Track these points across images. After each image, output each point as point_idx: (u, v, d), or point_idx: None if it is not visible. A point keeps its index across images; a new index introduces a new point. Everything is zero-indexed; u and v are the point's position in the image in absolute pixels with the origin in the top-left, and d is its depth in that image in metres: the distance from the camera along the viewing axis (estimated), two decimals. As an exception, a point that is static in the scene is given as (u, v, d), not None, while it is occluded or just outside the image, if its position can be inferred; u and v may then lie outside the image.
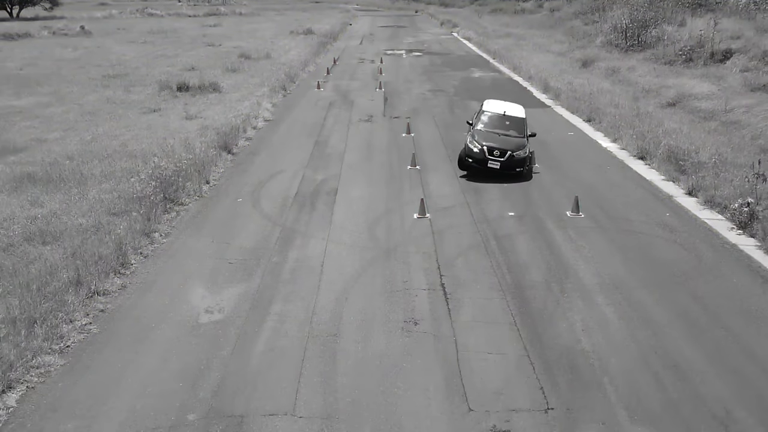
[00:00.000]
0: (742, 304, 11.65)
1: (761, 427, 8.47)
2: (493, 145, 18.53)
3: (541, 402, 9.00)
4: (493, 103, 20.98)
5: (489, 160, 18.41)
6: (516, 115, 19.99)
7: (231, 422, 8.59)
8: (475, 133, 19.13)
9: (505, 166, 18.36)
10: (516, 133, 19.31)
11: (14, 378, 9.26)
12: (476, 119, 20.13)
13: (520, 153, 18.55)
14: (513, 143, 18.76)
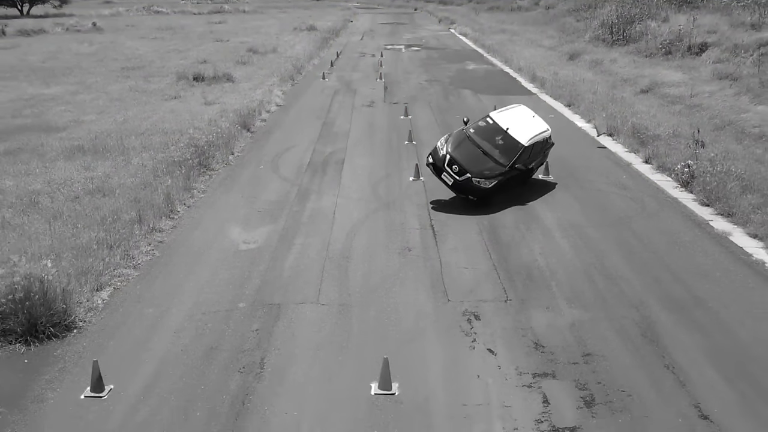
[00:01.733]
0: (670, 238, 14.79)
1: (664, 311, 11.58)
2: (456, 158, 15.85)
3: (502, 296, 12.14)
4: (508, 114, 17.36)
5: (444, 172, 15.94)
6: (517, 137, 16.33)
7: (271, 308, 11.72)
8: (459, 134, 16.74)
9: (456, 186, 15.91)
10: (499, 156, 16.12)
11: (104, 282, 12.38)
12: (477, 120, 17.76)
13: (481, 182, 15.69)
14: (483, 167, 15.81)
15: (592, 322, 11.25)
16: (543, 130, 17.13)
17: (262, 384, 9.56)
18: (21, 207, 15.79)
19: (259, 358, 10.18)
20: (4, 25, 59.54)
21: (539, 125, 17.22)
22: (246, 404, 9.10)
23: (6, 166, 19.37)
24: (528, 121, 17.10)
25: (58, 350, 10.37)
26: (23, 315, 10.44)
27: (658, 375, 9.79)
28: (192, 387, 9.46)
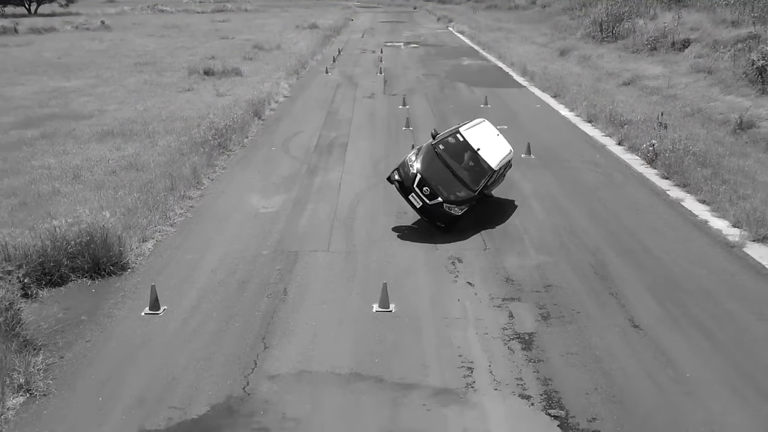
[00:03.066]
0: (631, 204, 17.31)
1: (616, 256, 14.09)
2: (427, 179, 14.53)
3: (482, 246, 14.66)
4: (479, 129, 16.38)
5: (412, 192, 14.59)
6: (488, 160, 15.40)
7: (290, 255, 14.23)
8: (427, 150, 15.29)
9: (425, 210, 14.66)
10: (470, 181, 15.08)
11: (147, 235, 14.89)
12: (446, 133, 16.09)
13: (452, 209, 14.58)
14: (455, 192, 14.73)
15: (554, 263, 13.78)
16: (508, 152, 16.34)
17: (286, 305, 12.08)
18: (67, 179, 18.31)
19: (282, 288, 12.71)
20: (16, 24, 62.10)
21: (504, 146, 16.44)
22: (274, 318, 11.62)
23: (45, 147, 21.89)
24: (495, 141, 16.21)
25: (118, 283, 12.90)
26: (88, 255, 12.96)
27: (604, 299, 12.31)
28: (229, 308, 11.97)
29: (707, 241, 15.01)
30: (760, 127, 22.93)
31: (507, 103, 30.33)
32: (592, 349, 10.69)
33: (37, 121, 26.08)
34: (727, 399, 9.43)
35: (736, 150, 20.94)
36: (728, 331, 11.24)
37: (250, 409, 9.21)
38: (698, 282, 12.98)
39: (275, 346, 10.75)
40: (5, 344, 9.88)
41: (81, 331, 11.18)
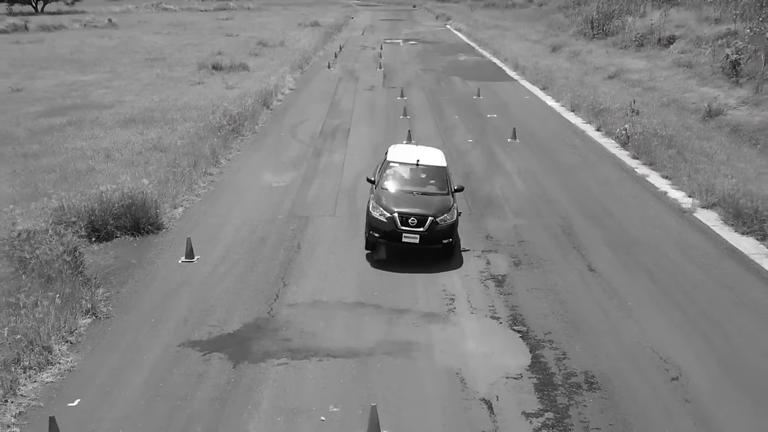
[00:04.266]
0: (602, 179, 19.71)
1: (582, 219, 16.49)
2: (407, 211, 13.98)
3: (468, 211, 17.06)
4: (400, 149, 16.48)
5: (402, 234, 13.88)
6: (434, 163, 15.48)
7: (301, 219, 16.63)
8: (380, 195, 14.60)
9: (426, 238, 13.89)
10: (437, 188, 14.88)
11: (177, 203, 17.28)
12: (380, 174, 15.55)
13: (446, 217, 14.07)
14: (435, 205, 14.27)
15: (529, 225, 16.20)
16: (438, 150, 16.75)
17: (300, 255, 14.49)
18: (99, 159, 20.71)
19: (296, 244, 15.12)
20: (26, 21, 64.50)
21: (430, 149, 16.98)
22: (290, 265, 14.03)
23: (74, 132, 24.30)
24: (421, 150, 16.50)
25: (155, 240, 15.30)
26: (130, 216, 15.36)
27: (567, 251, 14.72)
28: (252, 257, 14.38)
29: (664, 208, 17.42)
30: (726, 115, 25.33)
31: (498, 94, 32.75)
32: (553, 286, 13.10)
33: (62, 110, 28.47)
34: (658, 320, 11.83)
35: (702, 134, 23.34)
36: (669, 273, 13.64)
37: (275, 326, 11.62)
38: (650, 238, 15.38)
39: (292, 284, 13.16)
40: (74, 278, 12.29)
41: (130, 273, 13.60)
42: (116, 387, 9.94)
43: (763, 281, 13.34)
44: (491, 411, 9.42)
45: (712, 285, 13.16)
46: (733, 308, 12.26)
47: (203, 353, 10.82)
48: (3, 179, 19.02)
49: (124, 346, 11.00)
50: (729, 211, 16.21)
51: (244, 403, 9.58)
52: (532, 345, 11.09)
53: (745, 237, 15.39)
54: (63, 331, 11.06)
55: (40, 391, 9.80)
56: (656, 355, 10.76)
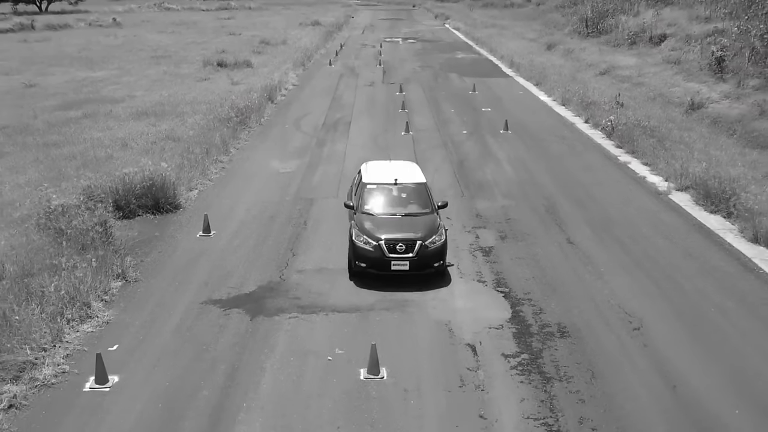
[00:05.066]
0: (586, 166, 21.25)
1: (565, 201, 18.03)
2: (394, 237, 13.18)
3: (460, 193, 18.61)
4: (374, 168, 15.39)
5: (391, 262, 13.09)
6: (413, 180, 14.76)
7: (306, 200, 18.17)
8: (362, 221, 13.71)
9: (417, 264, 13.14)
10: (421, 207, 14.10)
11: (192, 186, 18.83)
12: (357, 197, 14.57)
13: (435, 239, 13.33)
14: (422, 226, 13.51)
15: (516, 205, 17.75)
16: (413, 164, 16.43)
17: (306, 231, 16.04)
18: (116, 147, 22.25)
19: (303, 221, 16.67)
20: (33, 21, 66.08)
21: (406, 163, 16.71)
22: (298, 238, 15.58)
23: (90, 124, 25.85)
24: (396, 165, 15.88)
25: (174, 217, 16.86)
26: (151, 196, 16.91)
27: (549, 226, 16.27)
28: (263, 232, 15.92)
29: (642, 191, 18.98)
30: (708, 108, 26.88)
31: (493, 90, 34.31)
32: (534, 255, 14.65)
33: (75, 104, 30.04)
34: (626, 282, 13.37)
35: (683, 125, 24.88)
36: (640, 245, 15.19)
37: (286, 287, 13.17)
38: (626, 217, 16.93)
39: (300, 254, 14.71)
40: (105, 247, 13.84)
41: (154, 245, 15.15)
42: (149, 335, 11.49)
43: (724, 251, 14.89)
44: (475, 353, 10.96)
45: (677, 254, 14.70)
46: (694, 273, 13.80)
47: (223, 309, 12.37)
48: (28, 166, 20.58)
49: (152, 304, 12.55)
50: (700, 193, 17.76)
51: (261, 347, 11.13)
52: (513, 302, 12.64)
53: (712, 215, 16.93)
54: (98, 291, 12.61)
55: (83, 338, 11.34)
56: (622, 310, 12.31)
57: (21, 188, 18.35)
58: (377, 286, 13.20)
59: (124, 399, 9.82)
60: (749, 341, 11.31)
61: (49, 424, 9.28)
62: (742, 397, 9.82)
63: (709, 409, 9.56)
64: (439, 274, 13.57)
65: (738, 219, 16.15)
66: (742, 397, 9.80)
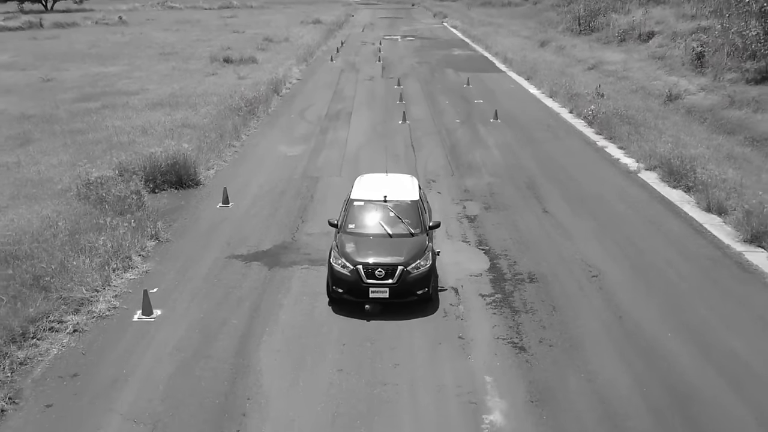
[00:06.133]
0: (567, 150, 23.50)
1: (545, 179, 20.26)
2: (373, 261, 12.45)
3: (450, 172, 20.86)
4: (367, 182, 14.73)
5: (369, 288, 12.32)
6: (405, 197, 13.77)
7: (312, 179, 20.42)
8: (343, 242, 13.00)
9: (397, 291, 12.33)
10: (409, 228, 13.20)
11: (209, 166, 21.08)
12: (343, 215, 13.82)
13: (420, 264, 12.50)
14: (407, 249, 12.68)
15: (500, 182, 19.99)
16: (411, 178, 15.24)
17: (313, 203, 18.28)
18: (137, 133, 24.49)
19: (310, 195, 18.91)
20: (41, 19, 68.33)
21: (402, 176, 15.54)
22: (306, 209, 17.82)
23: (109, 113, 28.10)
24: (390, 180, 14.93)
25: (196, 192, 19.10)
26: (174, 173, 19.15)
27: (529, 199, 18.52)
28: (275, 204, 18.17)
29: (615, 171, 21.23)
30: (684, 99, 29.13)
31: (486, 83, 36.58)
32: (513, 222, 16.90)
33: (93, 96, 32.30)
34: (591, 242, 15.60)
35: (660, 114, 27.13)
36: (607, 214, 17.43)
37: (297, 246, 15.42)
38: (598, 192, 19.17)
39: (309, 221, 16.96)
40: (140, 211, 16.09)
41: (180, 213, 17.41)
42: (183, 281, 13.74)
43: (680, 218, 17.12)
44: (457, 293, 13.21)
45: (639, 221, 16.94)
46: (650, 235, 16.04)
47: (245, 262, 14.62)
48: (58, 149, 22.82)
49: (184, 258, 14.80)
50: (665, 171, 20.00)
51: (278, 289, 13.37)
52: (491, 257, 14.88)
53: (674, 189, 19.17)
54: (136, 248, 14.86)
55: (127, 283, 13.59)
56: (584, 263, 14.55)
57: (55, 168, 20.59)
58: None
59: (166, 327, 12.06)
60: (688, 284, 13.55)
61: (107, 345, 11.51)
62: (675, 325, 12.05)
63: (647, 334, 11.79)
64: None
65: (695, 192, 18.39)
66: (675, 325, 12.03)
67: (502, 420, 9.56)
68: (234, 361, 10.98)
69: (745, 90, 28.74)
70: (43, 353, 11.19)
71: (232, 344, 11.46)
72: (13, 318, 11.48)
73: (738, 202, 16.83)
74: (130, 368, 10.82)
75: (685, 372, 10.65)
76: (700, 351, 11.22)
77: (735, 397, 10.02)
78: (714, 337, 11.63)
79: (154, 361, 11.01)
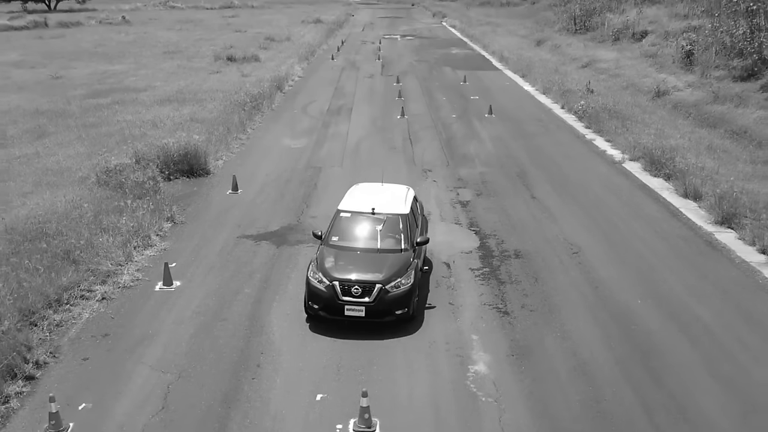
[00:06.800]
0: (557, 143, 24.87)
1: (535, 168, 21.64)
2: (349, 278, 12.04)
3: (446, 163, 22.24)
4: (359, 192, 14.42)
5: (345, 306, 11.92)
6: (393, 210, 13.35)
7: (315, 168, 21.79)
8: (323, 256, 12.64)
9: (374, 311, 11.91)
10: (393, 244, 12.80)
11: (218, 156, 22.46)
12: (329, 226, 13.52)
13: (400, 282, 12.04)
14: (387, 266, 12.24)
15: (492, 172, 21.38)
16: (406, 190, 14.57)
17: (317, 191, 19.67)
18: (148, 127, 25.86)
19: (314, 183, 20.30)
20: (45, 18, 69.74)
21: (396, 187, 14.83)
22: (310, 195, 19.21)
23: (120, 109, 29.49)
24: (382, 191, 14.38)
25: (206, 180, 20.49)
26: (186, 162, 20.54)
27: (518, 187, 19.90)
28: (281, 191, 19.54)
29: (601, 161, 22.61)
30: (671, 95, 30.51)
31: (482, 81, 37.98)
32: (503, 207, 18.28)
33: (102, 93, 33.68)
34: (574, 224, 16.98)
35: (647, 109, 28.51)
36: (590, 200, 18.80)
37: (303, 227, 16.80)
38: (583, 180, 20.55)
39: (312, 206, 18.35)
40: (156, 196, 17.47)
41: (192, 199, 18.79)
42: (198, 257, 15.12)
43: (658, 203, 18.50)
44: (448, 267, 14.59)
45: (620, 205, 18.32)
46: (629, 218, 17.42)
47: (255, 241, 16.01)
48: (74, 141, 24.21)
49: (198, 237, 16.19)
50: (647, 161, 21.38)
51: (286, 264, 14.76)
52: (481, 237, 16.27)
53: (655, 178, 20.55)
54: (154, 229, 16.23)
55: (147, 259, 14.97)
56: (566, 241, 15.93)
57: (73, 158, 21.97)
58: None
59: (185, 295, 13.44)
60: (660, 259, 14.93)
61: (133, 310, 12.89)
62: (645, 293, 13.42)
63: (619, 301, 13.17)
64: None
65: (674, 179, 19.77)
66: (645, 294, 13.40)
67: (486, 370, 10.94)
68: (248, 323, 12.36)
69: (729, 86, 30.13)
70: (76, 317, 12.56)
71: (245, 309, 12.83)
72: (49, 286, 12.85)
73: (712, 188, 18.20)
74: (155, 329, 12.20)
75: (650, 332, 12.03)
76: (664, 315, 12.60)
77: (691, 352, 11.40)
78: (679, 304, 13.01)
79: (176, 324, 12.39)
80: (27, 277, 12.94)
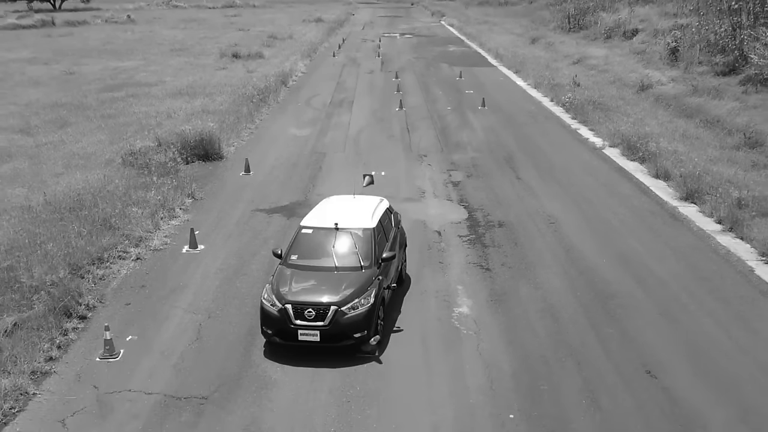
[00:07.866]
0: (544, 132, 26.97)
1: (522, 154, 23.73)
2: (302, 300, 11.41)
3: (440, 149, 24.34)
4: (327, 205, 13.82)
5: (298, 330, 11.26)
6: (358, 225, 12.63)
7: (320, 154, 23.88)
8: (279, 276, 12.03)
9: (329, 334, 11.25)
10: (355, 261, 12.07)
11: (230, 143, 24.56)
12: (290, 244, 12.82)
13: (358, 304, 11.39)
14: (345, 287, 11.55)
15: (482, 157, 23.48)
16: (377, 202, 13.82)
17: (321, 173, 21.77)
18: (162, 117, 27.97)
19: (319, 166, 22.40)
20: (52, 17, 71.87)
21: (368, 200, 14.06)
22: (315, 177, 21.31)
23: (134, 101, 31.61)
24: (353, 204, 13.64)
25: (221, 164, 22.59)
26: (202, 147, 22.64)
27: (505, 169, 22.00)
28: (289, 173, 21.65)
29: (583, 147, 24.71)
30: (654, 88, 32.60)
31: (477, 76, 40.10)
32: (491, 186, 20.38)
33: (116, 87, 35.80)
34: (554, 200, 19.07)
35: (630, 102, 30.61)
36: (570, 180, 20.89)
37: (310, 203, 18.83)
38: (565, 164, 22.65)
39: (318, 185, 20.45)
40: (178, 175, 19.57)
41: (209, 179, 20.90)
42: (218, 226, 17.23)
43: (631, 183, 20.58)
44: (439, 235, 16.69)
45: (596, 185, 20.42)
46: (604, 195, 19.52)
47: (268, 214, 18.12)
48: (94, 130, 26.32)
49: (217, 211, 18.29)
50: (625, 147, 23.47)
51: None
52: (470, 210, 18.37)
53: (631, 162, 22.64)
54: (178, 202, 18.33)
55: (173, 228, 17.08)
56: (545, 214, 18.02)
57: (96, 145, 24.08)
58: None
59: (209, 256, 15.54)
60: (627, 228, 17.02)
61: (165, 267, 14.98)
62: (611, 254, 15.50)
63: (587, 259, 15.25)
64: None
65: (647, 162, 21.87)
66: (610, 255, 15.48)
67: (468, 311, 13.03)
68: (265, 277, 14.40)
69: (709, 81, 32.22)
70: (116, 273, 14.66)
71: (263, 267, 14.92)
72: (91, 246, 14.95)
73: (680, 169, 20.29)
74: (185, 282, 14.30)
75: (611, 282, 14.13)
76: (625, 271, 14.69)
77: (645, 299, 13.49)
78: (639, 263, 15.10)
79: (203, 278, 14.49)
80: (73, 238, 15.04)
